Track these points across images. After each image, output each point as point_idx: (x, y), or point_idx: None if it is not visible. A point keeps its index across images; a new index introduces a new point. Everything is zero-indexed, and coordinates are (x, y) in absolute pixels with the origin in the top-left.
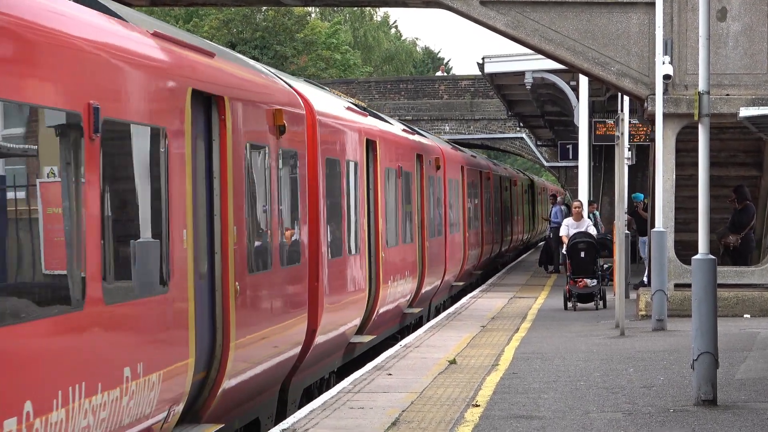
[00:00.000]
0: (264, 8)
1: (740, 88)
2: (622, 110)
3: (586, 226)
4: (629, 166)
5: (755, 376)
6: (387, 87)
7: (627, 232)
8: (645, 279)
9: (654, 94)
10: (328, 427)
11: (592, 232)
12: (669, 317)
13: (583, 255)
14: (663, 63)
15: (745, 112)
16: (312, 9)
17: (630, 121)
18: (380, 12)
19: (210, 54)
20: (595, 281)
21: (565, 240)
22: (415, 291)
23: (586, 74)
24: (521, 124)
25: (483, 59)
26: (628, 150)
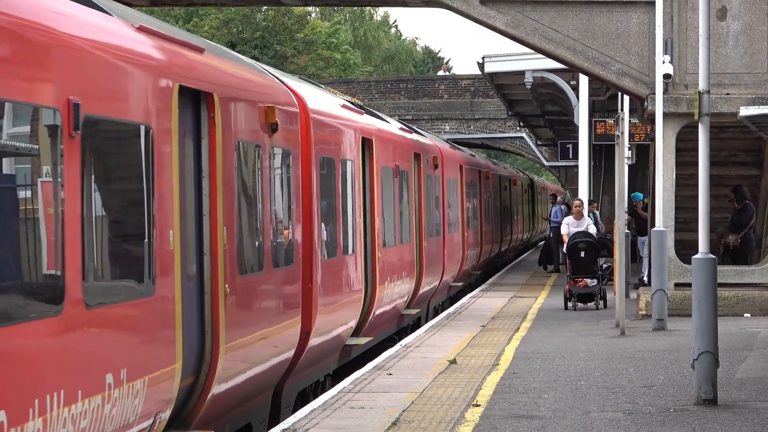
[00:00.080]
0: (264, 8)
1: (740, 88)
2: (622, 109)
3: (587, 225)
4: (629, 166)
5: (755, 376)
6: (387, 87)
7: (627, 232)
8: (646, 279)
9: (654, 94)
10: (329, 427)
11: (592, 231)
12: (669, 317)
13: (583, 255)
14: (663, 62)
15: (745, 112)
16: (312, 9)
17: (630, 121)
18: (380, 12)
19: (199, 50)
20: (596, 281)
21: (566, 239)
22: (413, 292)
23: (586, 74)
24: (521, 124)
25: (483, 59)
26: (628, 149)
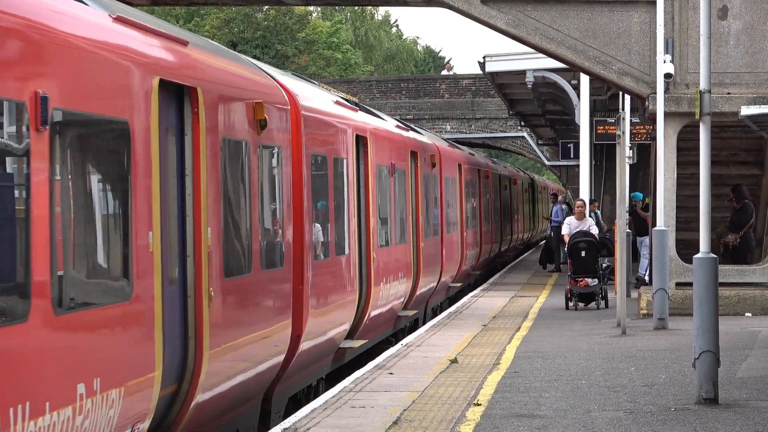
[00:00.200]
0: (265, 7)
1: (741, 87)
2: (623, 109)
3: (588, 226)
4: (630, 165)
5: (756, 375)
6: (388, 86)
7: (628, 231)
8: (647, 278)
9: (655, 93)
10: (330, 426)
11: (595, 232)
12: (670, 316)
13: (584, 254)
14: (664, 62)
15: (747, 111)
16: (313, 8)
17: (631, 120)
18: (381, 11)
19: (182, 42)
20: (596, 281)
21: (567, 239)
22: (410, 293)
23: (588, 73)
24: (522, 123)
25: (484, 58)
26: (629, 149)
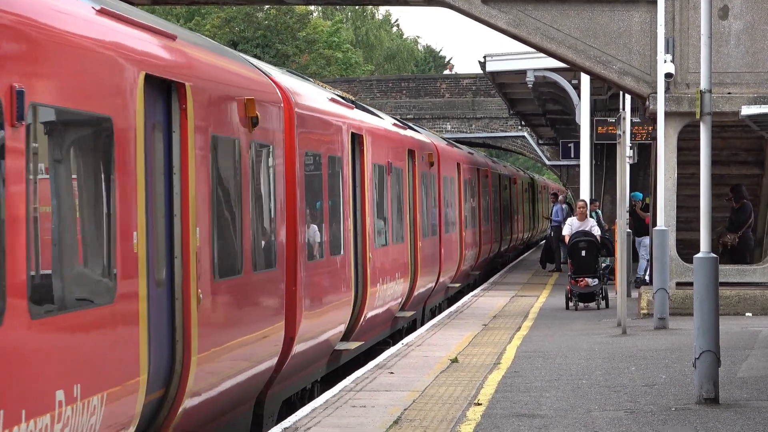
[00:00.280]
0: (266, 7)
1: (742, 87)
2: (624, 109)
3: (590, 226)
4: (631, 165)
5: (757, 375)
6: (389, 85)
7: (629, 231)
8: (647, 278)
9: (656, 93)
10: (330, 426)
11: (597, 232)
12: (671, 316)
13: (584, 254)
14: (665, 61)
15: (747, 111)
16: (314, 7)
17: (631, 120)
18: (382, 11)
19: (170, 36)
20: (597, 280)
21: (567, 240)
22: (407, 294)
23: (588, 73)
24: (523, 123)
25: (485, 58)
26: (630, 148)
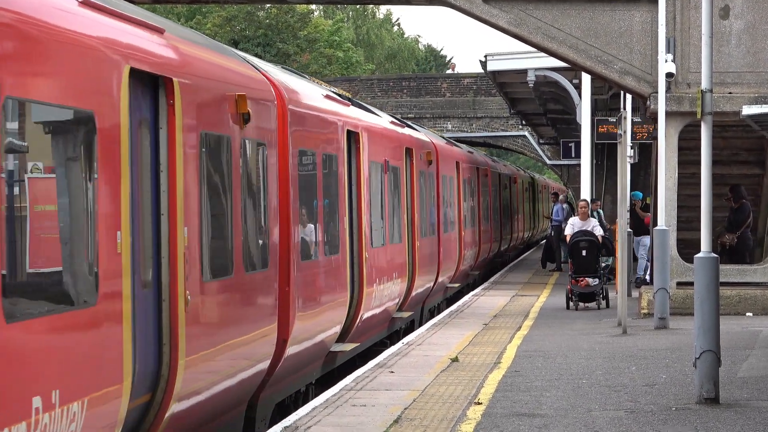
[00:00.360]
0: (267, 6)
1: (743, 86)
2: (625, 108)
3: (592, 226)
4: (632, 165)
5: (757, 375)
6: (389, 85)
7: (630, 230)
8: (647, 277)
9: (656, 92)
10: (331, 425)
11: (598, 232)
12: (671, 315)
13: (585, 254)
14: (666, 61)
15: (748, 110)
16: (315, 6)
17: (632, 119)
18: (383, 10)
19: (158, 30)
20: (597, 280)
21: (569, 239)
22: (405, 294)
23: (589, 72)
24: (524, 122)
25: (486, 57)
26: (631, 148)
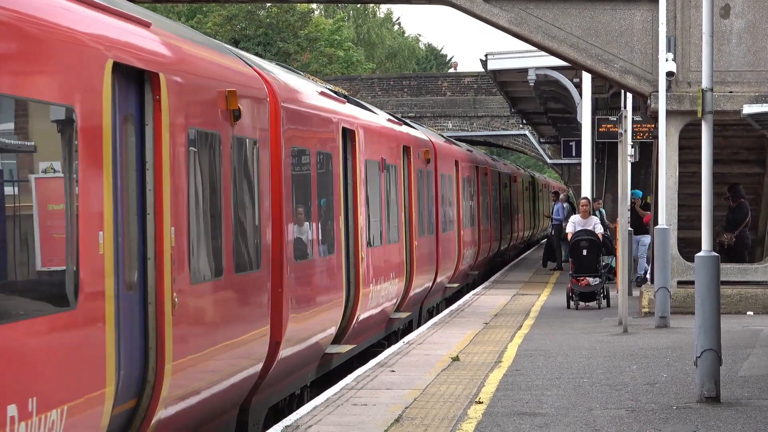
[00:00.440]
0: (267, 5)
1: (743, 85)
2: (625, 107)
3: (593, 225)
4: (632, 164)
5: (758, 373)
6: (390, 84)
7: (630, 229)
8: (648, 276)
9: (657, 91)
10: (331, 424)
11: (599, 230)
12: (672, 314)
13: (586, 253)
14: (666, 60)
15: (749, 109)
16: (315, 6)
17: (633, 118)
18: (383, 9)
19: (144, 24)
20: (598, 279)
21: (570, 237)
22: (403, 294)
23: (590, 71)
24: (524, 121)
25: (486, 56)
26: (631, 147)
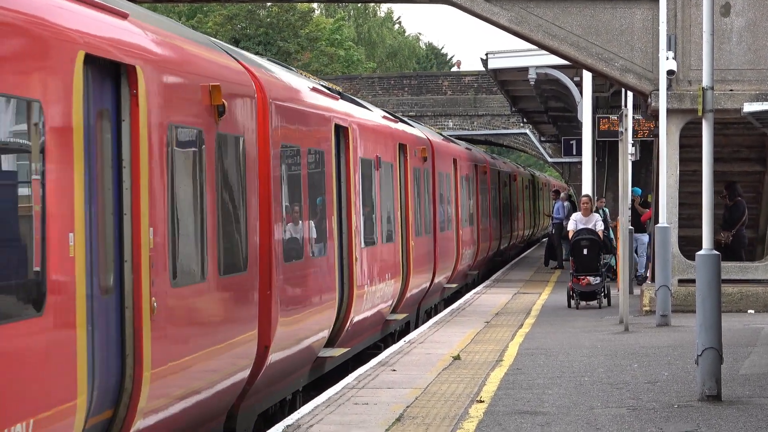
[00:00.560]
0: (268, 4)
1: (744, 84)
2: (626, 106)
3: (595, 222)
4: (633, 162)
5: (759, 372)
6: (390, 83)
7: (631, 228)
8: (647, 275)
9: (658, 90)
10: (333, 423)
11: (600, 227)
12: (673, 313)
13: (586, 252)
14: (667, 58)
15: (749, 108)
16: (316, 5)
17: (634, 117)
18: (383, 8)
19: (121, 14)
20: (599, 279)
21: (572, 235)
22: (399, 295)
23: (590, 70)
24: (525, 120)
25: (487, 55)
26: (632, 146)
